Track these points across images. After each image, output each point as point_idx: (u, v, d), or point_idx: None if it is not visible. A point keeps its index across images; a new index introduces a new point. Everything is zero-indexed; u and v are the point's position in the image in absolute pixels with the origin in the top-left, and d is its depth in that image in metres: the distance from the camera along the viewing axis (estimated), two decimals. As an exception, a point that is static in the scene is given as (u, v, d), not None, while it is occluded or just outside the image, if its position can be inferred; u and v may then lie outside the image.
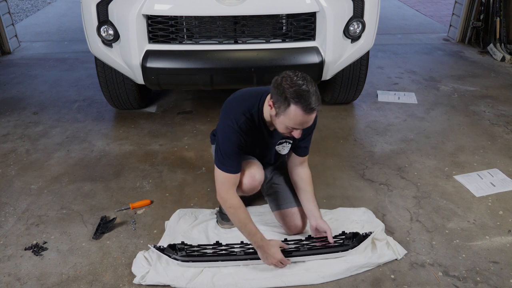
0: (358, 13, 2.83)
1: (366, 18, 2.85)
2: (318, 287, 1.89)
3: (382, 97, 3.82)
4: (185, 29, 2.84)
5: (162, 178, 2.67)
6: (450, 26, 5.62)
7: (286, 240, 1.99)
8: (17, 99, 3.79)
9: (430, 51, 5.10)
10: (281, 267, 1.93)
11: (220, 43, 2.78)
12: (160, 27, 2.74)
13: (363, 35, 2.91)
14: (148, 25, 2.70)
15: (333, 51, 2.78)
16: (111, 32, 2.75)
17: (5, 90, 3.98)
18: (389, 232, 2.20)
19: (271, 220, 2.26)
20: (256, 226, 1.91)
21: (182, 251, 1.92)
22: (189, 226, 2.21)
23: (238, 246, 1.98)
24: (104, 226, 2.21)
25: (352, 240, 2.01)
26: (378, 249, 2.04)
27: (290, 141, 2.05)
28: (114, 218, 2.28)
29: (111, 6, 2.70)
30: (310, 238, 2.05)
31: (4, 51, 4.96)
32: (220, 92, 3.86)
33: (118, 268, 1.99)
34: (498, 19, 4.90)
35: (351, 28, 2.84)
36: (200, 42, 2.80)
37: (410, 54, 4.99)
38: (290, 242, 1.99)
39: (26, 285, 1.90)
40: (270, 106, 1.78)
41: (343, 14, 2.78)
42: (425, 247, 2.11)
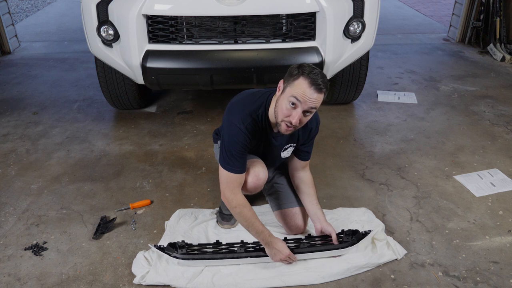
0: (358, 13, 2.83)
1: (366, 18, 2.85)
2: (318, 287, 1.89)
3: (382, 97, 3.82)
4: (185, 29, 2.84)
5: (162, 178, 2.67)
6: (450, 26, 5.63)
7: (286, 239, 1.99)
8: (17, 99, 3.79)
9: (430, 51, 5.10)
10: (289, 263, 1.94)
11: (220, 43, 2.78)
12: (160, 27, 2.74)
13: (363, 35, 2.91)
14: (148, 25, 2.71)
15: (333, 51, 2.78)
16: (111, 32, 2.75)
17: (5, 90, 3.98)
18: (389, 232, 2.20)
19: (271, 220, 2.27)
20: (262, 223, 1.91)
21: (182, 249, 1.92)
22: (189, 226, 2.22)
23: (238, 245, 1.98)
24: (104, 226, 2.21)
25: (351, 237, 2.01)
26: (378, 249, 2.04)
27: (293, 144, 2.06)
28: (114, 218, 2.28)
29: (111, 6, 2.70)
30: (310, 237, 2.05)
31: (4, 51, 4.96)
32: (220, 92, 3.87)
33: (118, 268, 1.99)
34: (498, 19, 4.91)
35: (351, 28, 2.84)
36: (200, 42, 2.80)
37: (410, 54, 4.99)
38: (290, 242, 2.00)
39: (26, 285, 1.90)
40: (279, 88, 1.81)
41: (343, 14, 2.78)
42: (425, 247, 2.11)
